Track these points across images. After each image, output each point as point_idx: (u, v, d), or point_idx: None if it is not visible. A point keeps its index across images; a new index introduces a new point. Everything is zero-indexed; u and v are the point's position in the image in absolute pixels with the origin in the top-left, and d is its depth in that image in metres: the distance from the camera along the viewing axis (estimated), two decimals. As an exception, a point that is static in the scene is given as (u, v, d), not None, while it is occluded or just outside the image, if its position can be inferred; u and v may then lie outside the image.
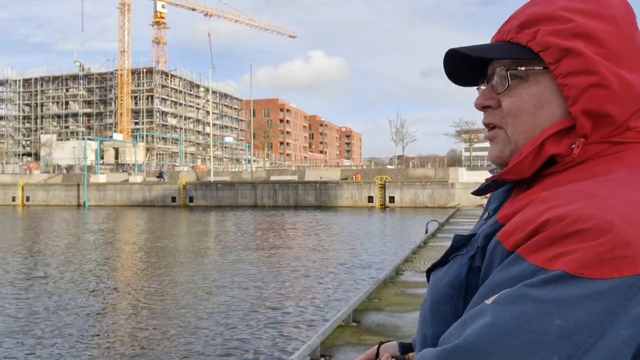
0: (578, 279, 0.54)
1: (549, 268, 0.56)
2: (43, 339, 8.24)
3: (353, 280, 12.71)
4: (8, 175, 62.60)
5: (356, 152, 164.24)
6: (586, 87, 0.66)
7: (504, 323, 0.55)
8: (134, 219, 35.04)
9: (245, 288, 11.90)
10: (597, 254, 0.54)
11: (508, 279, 0.59)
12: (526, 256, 0.58)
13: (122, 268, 15.47)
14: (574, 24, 0.68)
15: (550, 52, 0.69)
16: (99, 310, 10.09)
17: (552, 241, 0.57)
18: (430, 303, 0.75)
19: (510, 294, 0.57)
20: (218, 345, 7.81)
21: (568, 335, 0.52)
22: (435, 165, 62.44)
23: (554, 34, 0.69)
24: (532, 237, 0.59)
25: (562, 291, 0.54)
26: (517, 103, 0.72)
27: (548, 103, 0.70)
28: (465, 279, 0.71)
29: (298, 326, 8.77)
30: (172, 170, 64.92)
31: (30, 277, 13.47)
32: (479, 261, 0.70)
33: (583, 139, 0.68)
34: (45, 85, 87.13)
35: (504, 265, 0.61)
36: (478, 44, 0.76)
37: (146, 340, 8.14)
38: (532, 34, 0.71)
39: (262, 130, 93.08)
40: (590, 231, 0.55)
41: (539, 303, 0.54)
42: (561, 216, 0.58)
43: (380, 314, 7.35)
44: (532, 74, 0.71)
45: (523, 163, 0.71)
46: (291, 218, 34.34)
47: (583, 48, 0.67)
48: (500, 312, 0.56)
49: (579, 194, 0.61)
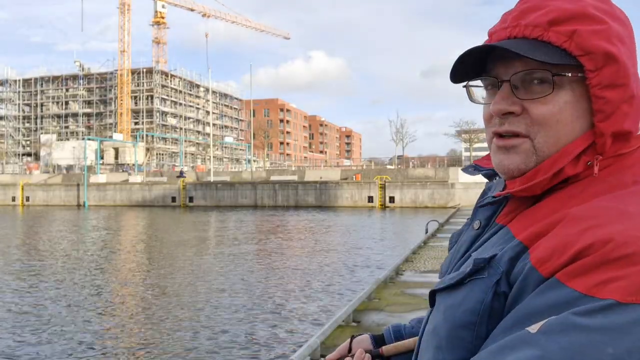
0: (629, 305, 0.52)
1: (597, 295, 0.54)
2: (43, 339, 8.24)
3: (353, 280, 12.70)
4: (8, 175, 62.61)
5: (356, 152, 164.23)
6: (619, 103, 0.63)
7: (554, 354, 0.53)
8: (134, 219, 35.03)
9: (245, 288, 11.89)
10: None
11: (548, 307, 0.56)
12: (567, 282, 0.56)
13: (122, 268, 15.45)
14: (608, 26, 0.64)
15: (591, 58, 0.63)
16: (100, 310, 10.07)
17: (598, 266, 0.55)
18: (448, 330, 0.70)
19: (557, 323, 0.54)
20: (218, 345, 7.80)
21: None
22: (435, 165, 62.39)
23: (595, 36, 0.63)
24: (572, 262, 0.57)
25: (613, 319, 0.52)
26: (554, 112, 0.66)
27: (583, 114, 0.66)
28: (490, 304, 0.66)
29: (298, 326, 8.76)
30: (172, 170, 64.92)
31: (30, 278, 13.46)
32: (504, 286, 0.65)
33: (600, 157, 0.66)
34: (45, 85, 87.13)
35: (540, 291, 0.58)
36: (507, 41, 0.69)
37: (145, 339, 8.14)
38: (567, 34, 0.65)
39: (262, 130, 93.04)
40: (637, 255, 0.54)
41: (589, 332, 0.52)
42: (605, 240, 0.56)
43: (380, 314, 7.34)
44: (567, 80, 0.66)
45: (541, 183, 0.67)
46: (291, 218, 34.32)
47: (622, 54, 0.63)
48: (549, 342, 0.53)
49: (612, 212, 0.59)
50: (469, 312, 0.68)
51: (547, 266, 0.59)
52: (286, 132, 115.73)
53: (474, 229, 0.79)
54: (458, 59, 0.72)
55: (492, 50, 0.70)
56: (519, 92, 0.68)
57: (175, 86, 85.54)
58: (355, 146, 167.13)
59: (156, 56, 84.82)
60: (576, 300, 0.55)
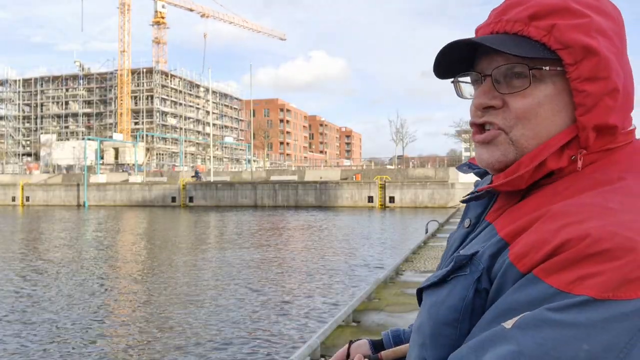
0: (604, 302, 0.52)
1: (573, 292, 0.54)
2: (42, 339, 8.23)
3: (353, 280, 12.69)
4: (8, 175, 62.61)
5: (356, 152, 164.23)
6: (601, 96, 0.63)
7: (529, 350, 0.53)
8: (134, 219, 35.03)
9: (245, 288, 11.88)
10: (623, 275, 0.53)
11: (525, 302, 0.56)
12: (544, 278, 0.56)
13: (123, 268, 15.44)
14: (590, 20, 0.64)
15: (570, 52, 0.64)
16: (100, 309, 10.06)
17: (574, 262, 0.55)
18: (431, 327, 0.71)
19: (532, 318, 0.54)
20: (218, 345, 7.79)
21: (595, 359, 0.51)
22: (435, 165, 62.40)
23: (574, 30, 0.64)
24: (549, 257, 0.57)
25: (588, 315, 0.52)
26: (533, 106, 0.67)
27: (564, 108, 0.66)
28: (472, 301, 0.67)
29: (298, 326, 8.76)
30: (172, 170, 64.91)
31: (30, 278, 13.45)
32: (485, 283, 0.66)
33: (584, 151, 0.66)
34: (45, 85, 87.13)
35: (518, 287, 0.58)
36: (487, 36, 0.70)
37: (145, 339, 8.13)
38: (546, 28, 0.65)
39: (262, 130, 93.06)
40: (613, 251, 0.54)
41: (564, 328, 0.52)
42: (582, 236, 0.56)
43: (380, 314, 7.33)
44: (547, 74, 0.66)
45: (523, 177, 0.67)
46: (291, 218, 34.31)
47: (602, 48, 0.63)
48: (525, 338, 0.53)
49: (593, 208, 0.59)
50: (451, 309, 0.68)
51: (524, 262, 0.59)
52: (286, 132, 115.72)
53: (465, 227, 0.79)
54: (440, 54, 0.72)
55: (479, 46, 0.70)
56: (501, 87, 0.68)
57: (175, 86, 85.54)
58: (355, 146, 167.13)
59: (156, 56, 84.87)
60: (552, 296, 0.55)
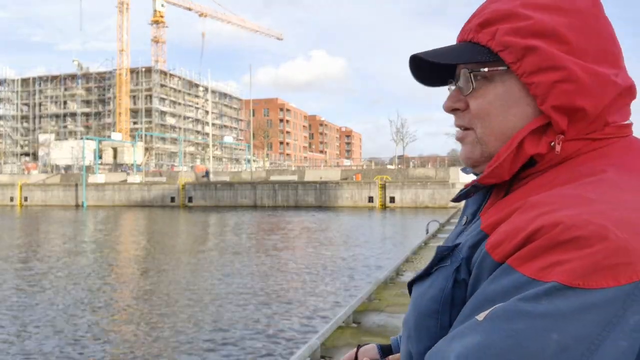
0: (574, 289, 0.52)
1: (543, 279, 0.54)
2: (42, 339, 8.11)
3: (353, 281, 12.60)
4: (6, 175, 62.52)
5: (356, 152, 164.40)
6: (552, 84, 0.65)
7: (498, 341, 0.53)
8: (134, 220, 34.91)
9: (245, 289, 11.79)
10: (593, 263, 0.52)
11: (499, 292, 0.56)
12: (517, 267, 0.56)
13: (122, 268, 15.33)
14: (533, 21, 0.67)
15: (509, 52, 0.68)
16: (100, 308, 9.98)
17: (545, 250, 0.55)
18: (415, 319, 0.72)
19: (503, 309, 0.55)
20: (218, 345, 7.74)
21: (566, 350, 0.51)
22: (435, 165, 62.34)
23: (512, 33, 0.68)
24: (523, 246, 0.57)
25: (558, 304, 0.52)
26: (484, 105, 0.71)
27: (516, 103, 0.69)
28: (451, 292, 0.68)
29: (298, 327, 8.69)
30: (171, 170, 64.82)
31: (30, 278, 13.33)
32: (464, 273, 0.67)
33: (562, 136, 0.67)
34: (44, 85, 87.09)
35: (494, 277, 0.59)
36: (441, 47, 0.75)
37: (144, 339, 8.05)
38: (491, 33, 0.70)
39: (262, 130, 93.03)
40: (585, 238, 0.54)
41: (534, 318, 0.52)
42: (554, 223, 0.56)
43: (380, 314, 7.23)
44: (497, 74, 0.70)
45: (502, 166, 0.69)
46: (291, 218, 34.22)
47: (543, 45, 0.66)
48: (494, 330, 0.54)
49: (571, 199, 0.59)
50: (432, 300, 0.69)
51: (499, 251, 0.60)
52: (286, 132, 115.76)
53: (462, 225, 0.80)
54: (413, 71, 0.79)
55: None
56: (463, 91, 0.73)
57: (174, 86, 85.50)
58: (355, 146, 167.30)
59: (155, 55, 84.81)
60: (524, 285, 0.55)
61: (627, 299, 0.52)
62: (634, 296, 0.52)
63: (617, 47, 0.70)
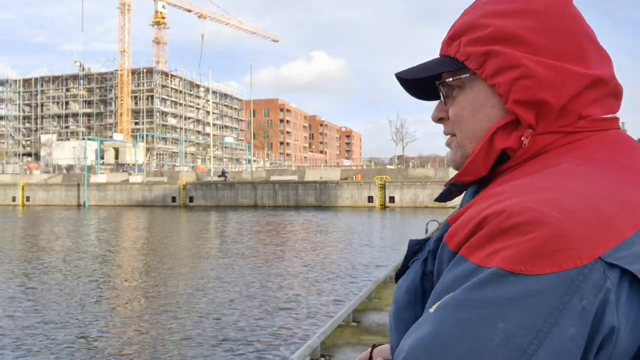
0: (516, 275, 0.52)
1: (486, 265, 0.54)
2: (42, 340, 8.25)
3: (353, 280, 12.72)
4: (8, 175, 62.59)
5: (356, 152, 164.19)
6: (512, 81, 0.68)
7: (446, 331, 0.53)
8: (135, 219, 35.04)
9: (245, 288, 11.90)
10: (533, 248, 0.53)
11: (453, 282, 0.57)
12: (468, 256, 0.57)
13: (123, 268, 15.46)
14: (491, 29, 0.71)
15: (472, 60, 0.72)
16: (100, 310, 10.09)
17: (490, 237, 0.56)
18: (394, 311, 0.74)
19: (451, 298, 0.55)
20: (218, 345, 7.82)
21: (513, 338, 0.51)
22: (435, 165, 62.32)
23: (472, 43, 0.72)
24: (472, 235, 0.58)
25: (501, 291, 0.52)
26: (457, 111, 0.75)
27: (482, 105, 0.72)
28: (420, 284, 0.70)
29: (298, 326, 8.78)
30: (172, 170, 64.89)
31: (29, 278, 13.47)
32: (430, 265, 0.69)
33: (531, 130, 0.68)
34: (46, 85, 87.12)
35: (450, 268, 0.60)
36: (419, 64, 0.80)
37: (144, 339, 8.16)
38: (457, 45, 0.74)
39: (262, 130, 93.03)
40: (525, 225, 0.54)
41: (479, 306, 0.53)
42: (499, 211, 0.57)
43: (380, 313, 7.35)
44: (468, 81, 0.74)
45: (475, 162, 0.72)
46: (291, 218, 34.33)
47: (501, 48, 0.69)
48: (442, 319, 0.54)
49: (520, 188, 0.61)
50: (406, 292, 0.72)
51: (454, 241, 0.61)
52: (286, 132, 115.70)
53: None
54: (405, 89, 0.84)
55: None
56: (447, 101, 0.78)
57: (175, 86, 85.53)
58: (355, 146, 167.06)
59: (156, 56, 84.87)
60: (472, 273, 0.55)
61: (572, 285, 0.52)
62: (578, 281, 0.52)
63: (587, 42, 0.70)
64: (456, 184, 0.77)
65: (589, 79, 0.68)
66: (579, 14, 0.73)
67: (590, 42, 0.71)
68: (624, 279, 0.53)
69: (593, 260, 0.52)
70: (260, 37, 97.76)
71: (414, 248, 0.75)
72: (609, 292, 0.52)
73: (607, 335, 0.52)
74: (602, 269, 0.52)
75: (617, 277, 0.53)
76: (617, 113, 0.73)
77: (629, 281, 0.53)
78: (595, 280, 0.52)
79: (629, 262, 0.53)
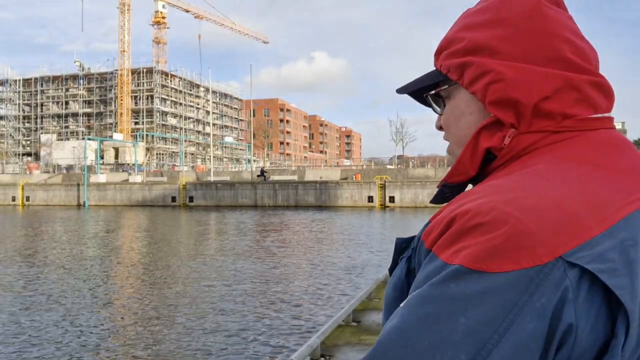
0: (477, 273, 0.54)
1: (451, 263, 0.56)
2: (41, 340, 8.24)
3: (353, 280, 12.71)
4: (8, 175, 62.59)
5: (356, 152, 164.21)
6: (486, 86, 0.71)
7: (411, 325, 0.55)
8: (135, 219, 35.03)
9: (245, 288, 11.89)
10: (494, 246, 0.54)
11: (424, 279, 0.59)
12: (439, 254, 0.59)
13: (123, 268, 15.44)
14: (465, 42, 0.75)
15: (452, 71, 0.76)
16: (100, 309, 10.08)
17: (456, 236, 0.58)
18: (385, 307, 0.76)
19: (417, 294, 0.57)
20: (218, 345, 7.81)
21: (473, 333, 0.52)
22: (435, 165, 62.35)
23: (451, 56, 0.77)
24: (444, 233, 0.60)
25: (463, 287, 0.54)
26: (444, 120, 0.81)
27: (463, 113, 0.77)
28: (406, 280, 0.72)
29: (298, 326, 8.77)
30: (172, 170, 64.89)
31: (28, 278, 13.46)
32: (414, 262, 0.71)
33: (513, 130, 0.70)
34: (45, 85, 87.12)
35: (424, 265, 0.61)
36: (415, 79, 0.85)
37: (143, 339, 8.15)
38: (439, 59, 0.80)
39: (262, 130, 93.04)
40: (488, 224, 0.56)
41: (442, 301, 0.54)
42: (465, 211, 0.59)
43: (380, 313, 7.32)
44: (452, 91, 0.78)
45: (462, 162, 0.75)
46: (291, 218, 34.32)
47: (475, 58, 0.73)
48: (408, 314, 0.56)
49: (490, 188, 0.63)
50: (393, 287, 0.74)
51: (429, 238, 0.63)
52: (286, 132, 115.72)
53: None
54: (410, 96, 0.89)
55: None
56: (442, 110, 0.83)
57: (175, 86, 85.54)
58: (355, 146, 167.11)
59: (156, 56, 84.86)
60: (439, 269, 0.57)
61: (532, 283, 0.53)
62: (538, 280, 0.53)
63: (560, 42, 0.72)
64: (448, 185, 0.79)
65: (562, 78, 0.69)
66: (556, 16, 0.73)
67: (567, 43, 0.72)
68: (584, 278, 0.54)
69: (554, 259, 0.54)
70: (251, 38, 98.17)
71: (400, 246, 0.78)
72: (567, 291, 0.53)
73: (566, 333, 0.53)
74: (563, 268, 0.54)
75: (577, 276, 0.54)
76: (611, 113, 0.74)
77: (589, 280, 0.54)
78: (555, 279, 0.53)
79: (589, 261, 0.54)
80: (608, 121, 0.73)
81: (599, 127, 0.71)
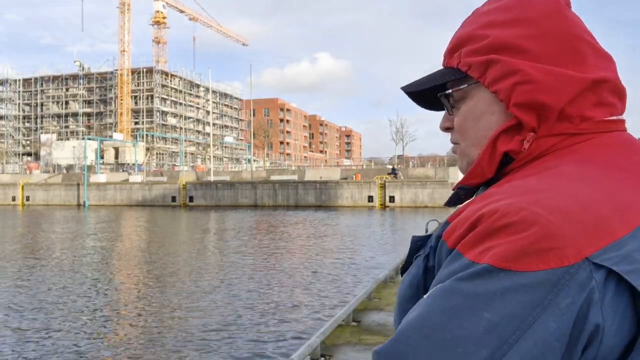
0: (504, 272, 0.55)
1: (479, 262, 0.57)
2: (41, 340, 8.24)
3: (353, 280, 12.72)
4: (8, 175, 62.64)
5: (356, 152, 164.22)
6: (512, 86, 0.70)
7: (434, 316, 0.56)
8: (135, 219, 35.03)
9: (246, 288, 11.90)
10: (522, 247, 0.55)
11: (448, 276, 0.59)
12: (464, 252, 0.59)
13: (123, 267, 15.46)
14: (489, 39, 0.74)
15: (473, 69, 0.74)
16: (101, 309, 10.09)
17: (484, 236, 0.58)
18: (399, 304, 0.76)
19: (442, 287, 0.58)
20: (218, 345, 7.82)
21: (496, 328, 0.53)
22: (435, 165, 62.34)
23: (473, 53, 0.74)
24: (469, 232, 0.61)
25: (489, 284, 0.55)
26: (460, 121, 0.78)
27: (483, 113, 0.74)
28: (423, 279, 0.73)
29: (298, 325, 8.78)
30: (172, 170, 64.90)
31: (29, 278, 13.47)
32: (432, 261, 0.72)
33: (533, 133, 0.70)
34: (45, 85, 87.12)
35: (447, 263, 0.62)
36: (424, 76, 0.83)
37: (143, 339, 8.16)
38: (458, 57, 0.77)
39: (262, 130, 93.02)
40: (516, 224, 0.56)
41: (467, 296, 0.55)
42: (493, 211, 0.59)
43: (380, 313, 7.36)
44: (470, 91, 0.76)
45: (480, 165, 0.74)
46: (291, 218, 34.33)
47: (500, 57, 0.72)
48: (431, 305, 0.57)
49: (515, 189, 0.63)
50: (409, 285, 0.75)
51: (452, 237, 0.64)
52: (286, 131, 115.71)
53: None
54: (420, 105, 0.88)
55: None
56: (453, 111, 0.80)
57: (175, 86, 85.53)
58: (355, 146, 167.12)
59: (156, 56, 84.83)
60: (466, 268, 0.58)
61: (558, 283, 0.54)
62: (565, 280, 0.54)
63: (583, 45, 0.72)
64: (464, 187, 0.79)
65: (586, 82, 0.69)
66: (574, 19, 0.74)
67: (587, 45, 0.72)
68: (611, 279, 0.55)
69: (580, 260, 0.54)
70: (233, 40, 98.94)
71: (416, 244, 0.78)
72: (594, 292, 0.54)
73: (593, 333, 0.54)
74: (589, 269, 0.54)
75: (603, 277, 0.55)
76: (623, 115, 0.74)
77: (615, 281, 0.55)
78: (581, 280, 0.54)
79: (616, 262, 0.55)
80: (621, 123, 0.73)
81: (613, 129, 0.71)
